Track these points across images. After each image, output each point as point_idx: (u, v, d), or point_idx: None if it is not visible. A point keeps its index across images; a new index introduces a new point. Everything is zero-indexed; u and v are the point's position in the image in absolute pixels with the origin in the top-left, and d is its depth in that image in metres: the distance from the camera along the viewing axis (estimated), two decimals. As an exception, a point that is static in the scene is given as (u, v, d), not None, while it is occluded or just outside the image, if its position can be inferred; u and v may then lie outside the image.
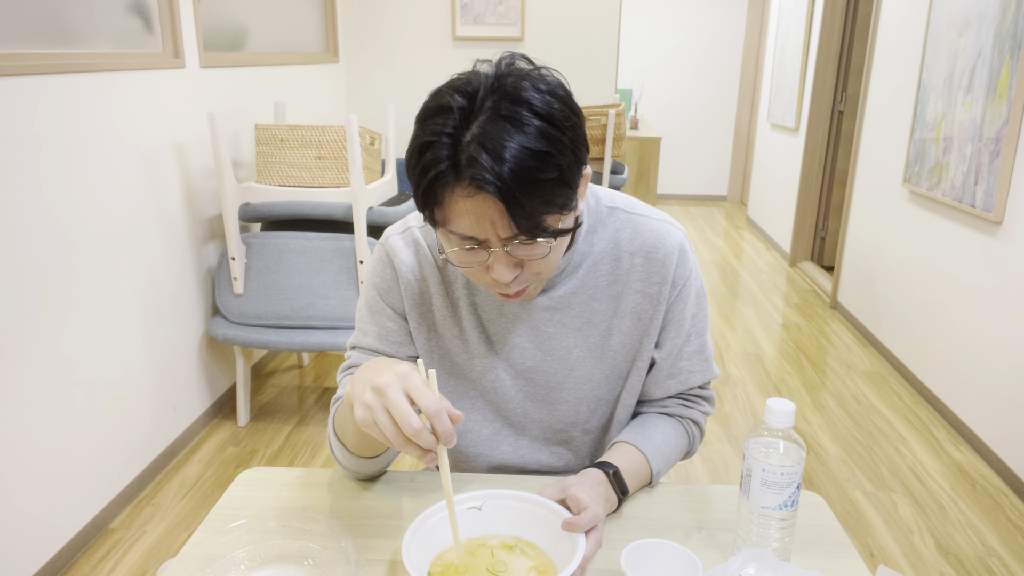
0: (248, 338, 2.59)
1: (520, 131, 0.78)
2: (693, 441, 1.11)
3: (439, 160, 0.79)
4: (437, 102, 0.81)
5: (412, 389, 0.76)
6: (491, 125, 0.78)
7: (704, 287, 1.08)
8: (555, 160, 0.79)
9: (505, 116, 0.78)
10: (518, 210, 0.79)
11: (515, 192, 0.78)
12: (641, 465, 1.01)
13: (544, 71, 0.84)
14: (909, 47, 3.37)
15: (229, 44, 2.99)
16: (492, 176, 0.77)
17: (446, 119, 0.80)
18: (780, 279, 4.83)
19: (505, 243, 0.84)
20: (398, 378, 0.76)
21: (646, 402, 1.11)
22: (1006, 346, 2.51)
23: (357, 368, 1.05)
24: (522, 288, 0.91)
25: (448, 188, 0.80)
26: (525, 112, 0.79)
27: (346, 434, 0.96)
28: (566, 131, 0.81)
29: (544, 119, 0.79)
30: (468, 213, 0.81)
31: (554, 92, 0.82)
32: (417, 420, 0.75)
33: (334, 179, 2.62)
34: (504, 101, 0.79)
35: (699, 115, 7.30)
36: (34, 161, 1.85)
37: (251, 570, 0.84)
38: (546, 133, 0.79)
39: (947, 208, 2.96)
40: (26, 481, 1.86)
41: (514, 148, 0.77)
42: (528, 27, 4.17)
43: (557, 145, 0.80)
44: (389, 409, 0.75)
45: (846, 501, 2.36)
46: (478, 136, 0.78)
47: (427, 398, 0.76)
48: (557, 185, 0.81)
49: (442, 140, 0.79)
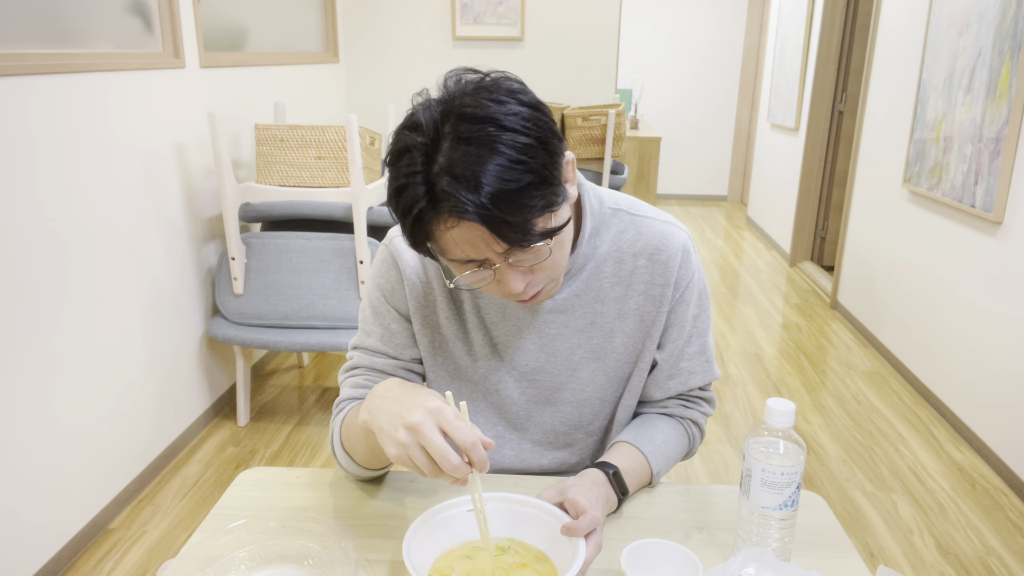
0: (248, 338, 2.59)
1: (481, 148, 0.76)
2: (693, 442, 1.11)
3: (417, 199, 0.79)
4: (397, 145, 0.81)
5: (446, 424, 0.76)
6: (454, 152, 0.77)
7: (707, 288, 1.08)
8: (527, 165, 0.78)
9: (466, 138, 0.77)
10: (503, 226, 0.78)
11: (494, 213, 0.77)
12: (641, 465, 1.01)
13: (494, 76, 0.82)
14: (909, 47, 3.37)
15: (229, 44, 2.99)
16: (469, 204, 0.76)
17: (411, 159, 0.79)
18: (780, 279, 4.83)
19: (505, 256, 0.83)
20: (431, 415, 0.76)
21: (646, 402, 1.11)
22: (1006, 346, 2.51)
23: (362, 375, 1.05)
24: (539, 290, 0.91)
25: (432, 223, 0.80)
26: (479, 127, 0.77)
27: (356, 450, 0.97)
28: (531, 132, 0.79)
29: (506, 129, 0.77)
30: (460, 241, 0.81)
31: (511, 96, 0.80)
32: (455, 456, 0.75)
33: (334, 179, 2.62)
34: (461, 123, 0.78)
35: (699, 115, 7.30)
36: (34, 161, 1.85)
37: (251, 570, 0.84)
38: (511, 143, 0.77)
39: (947, 208, 2.96)
40: (26, 481, 1.85)
41: (483, 169, 0.76)
42: (528, 27, 4.17)
43: (526, 151, 0.78)
44: (426, 448, 0.76)
45: (846, 501, 2.36)
46: (445, 167, 0.77)
47: (462, 432, 0.76)
48: (536, 187, 0.79)
49: (414, 180, 0.79)
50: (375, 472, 1.01)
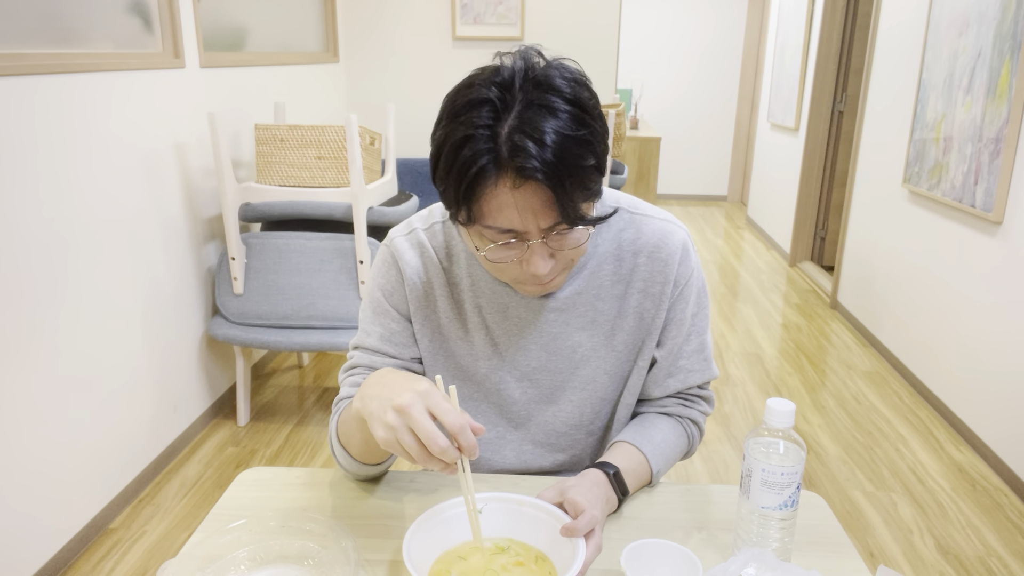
0: (248, 338, 2.59)
1: (558, 119, 0.78)
2: (692, 441, 1.11)
3: (480, 154, 0.78)
4: (469, 96, 0.80)
5: (435, 407, 0.75)
6: (529, 114, 0.78)
7: (706, 287, 1.07)
8: (593, 147, 0.80)
9: (542, 105, 0.78)
10: (564, 196, 0.79)
11: (561, 178, 0.78)
12: (641, 465, 1.01)
13: (565, 60, 0.84)
14: (909, 47, 3.37)
15: (229, 44, 2.99)
16: (539, 163, 0.77)
17: (481, 112, 0.79)
18: (780, 279, 4.83)
19: (544, 234, 0.84)
20: (420, 397, 0.76)
21: (645, 401, 1.11)
22: (1006, 346, 2.51)
23: (361, 374, 1.05)
24: (552, 279, 0.92)
25: (491, 182, 0.79)
26: (558, 100, 0.79)
27: (351, 443, 0.96)
28: (597, 118, 0.82)
29: (577, 106, 0.80)
30: (511, 205, 0.81)
31: (579, 80, 0.82)
32: (444, 439, 0.74)
33: (334, 179, 2.62)
34: (538, 90, 0.79)
35: (699, 115, 7.30)
36: (34, 161, 1.85)
37: (251, 570, 0.84)
38: (581, 120, 0.79)
39: (947, 208, 2.96)
40: (26, 481, 1.85)
41: (556, 135, 0.77)
42: (528, 27, 4.17)
43: (592, 132, 0.80)
44: (414, 429, 0.75)
45: (846, 501, 2.36)
46: (518, 126, 0.78)
47: (451, 415, 0.75)
48: (594, 172, 0.82)
49: (480, 133, 0.78)
50: (372, 469, 1.00)
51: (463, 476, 0.79)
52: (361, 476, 1.03)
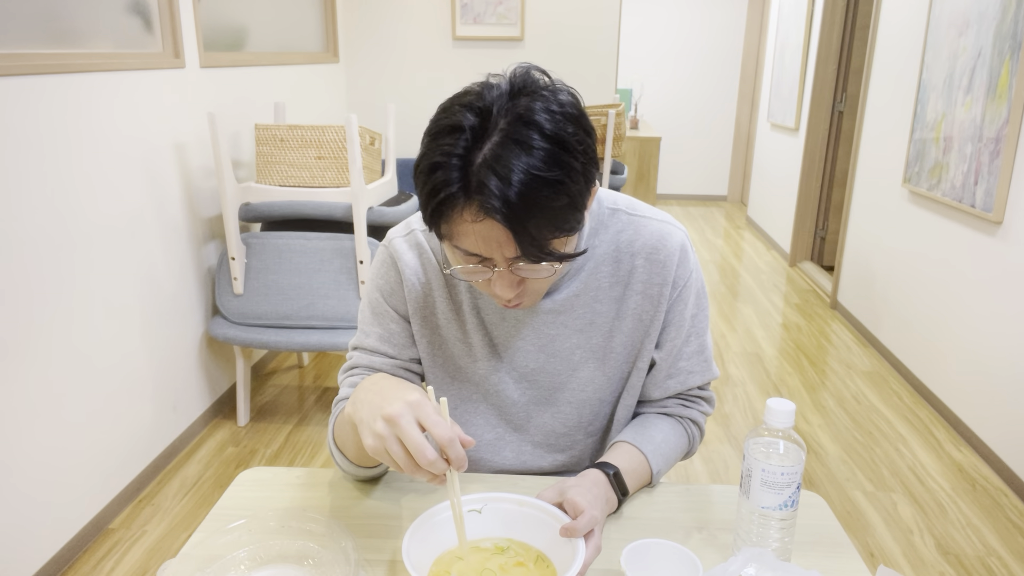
0: (248, 338, 2.59)
1: (532, 156, 0.76)
2: (693, 441, 1.11)
3: (449, 182, 0.78)
4: (448, 120, 0.79)
5: (424, 419, 0.75)
6: (502, 149, 0.76)
7: (705, 288, 1.07)
8: (566, 187, 0.78)
9: (517, 140, 0.76)
10: (525, 236, 0.78)
11: (523, 220, 0.77)
12: (641, 465, 1.01)
13: (559, 87, 0.82)
14: (909, 47, 3.37)
15: (229, 44, 2.99)
16: (500, 204, 0.76)
17: (456, 139, 0.78)
18: (780, 279, 4.83)
19: (510, 263, 0.84)
20: (409, 408, 0.75)
21: (645, 402, 1.10)
22: (1006, 346, 2.51)
23: (360, 374, 1.05)
24: (520, 302, 0.92)
25: (456, 209, 0.79)
26: (537, 137, 0.77)
27: (346, 445, 0.96)
28: (578, 156, 0.79)
29: (557, 143, 0.77)
30: (474, 234, 0.81)
31: (567, 113, 0.80)
32: (432, 451, 0.74)
33: (334, 179, 2.62)
34: (517, 124, 0.77)
35: (699, 115, 7.30)
36: (34, 161, 1.85)
37: (251, 570, 0.84)
38: (558, 159, 0.77)
39: (947, 208, 2.96)
40: (26, 481, 1.85)
41: (525, 176, 0.76)
42: (528, 27, 4.17)
43: (569, 172, 0.78)
44: (402, 440, 0.74)
45: (846, 501, 2.36)
46: (489, 160, 0.76)
47: (440, 428, 0.74)
48: (567, 211, 0.80)
49: (452, 162, 0.78)
50: (369, 471, 1.00)
51: (451, 489, 0.79)
52: (359, 477, 1.03)
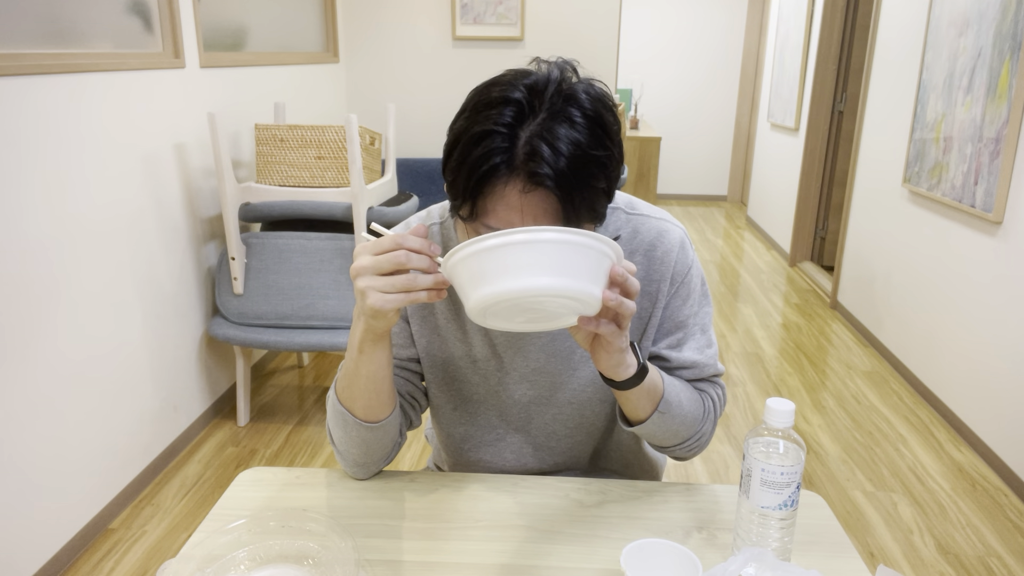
0: (248, 338, 2.59)
1: (579, 133, 0.78)
2: (707, 412, 1.05)
3: (495, 152, 0.78)
4: (496, 93, 0.80)
5: (369, 252, 0.80)
6: (552, 123, 0.78)
7: (706, 284, 1.06)
8: (606, 170, 0.80)
9: (566, 117, 0.78)
10: (570, 210, 0.79)
11: (570, 191, 0.78)
12: (653, 379, 0.94)
13: (595, 81, 0.84)
14: (909, 47, 3.37)
15: (229, 44, 2.99)
16: (552, 171, 0.76)
17: (505, 110, 0.78)
18: (780, 279, 4.83)
19: None
20: (361, 270, 0.79)
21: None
22: (1006, 346, 2.51)
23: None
24: None
25: (500, 181, 0.79)
26: (582, 117, 0.79)
27: (354, 397, 0.93)
28: (616, 144, 0.82)
29: (599, 126, 0.80)
30: (516, 208, 0.79)
31: (605, 103, 0.82)
32: (413, 240, 0.78)
33: (334, 179, 2.62)
34: (565, 103, 0.79)
35: (699, 115, 7.30)
36: (34, 161, 1.85)
37: (251, 570, 0.84)
38: (601, 140, 0.79)
39: (947, 208, 2.96)
40: (26, 481, 1.85)
41: (576, 149, 0.77)
42: (528, 27, 4.17)
43: (610, 154, 0.80)
44: (378, 270, 0.78)
45: (846, 501, 2.36)
46: (538, 132, 0.77)
47: (386, 240, 0.79)
48: (603, 196, 0.82)
49: (500, 131, 0.78)
50: (375, 433, 0.96)
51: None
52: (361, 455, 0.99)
